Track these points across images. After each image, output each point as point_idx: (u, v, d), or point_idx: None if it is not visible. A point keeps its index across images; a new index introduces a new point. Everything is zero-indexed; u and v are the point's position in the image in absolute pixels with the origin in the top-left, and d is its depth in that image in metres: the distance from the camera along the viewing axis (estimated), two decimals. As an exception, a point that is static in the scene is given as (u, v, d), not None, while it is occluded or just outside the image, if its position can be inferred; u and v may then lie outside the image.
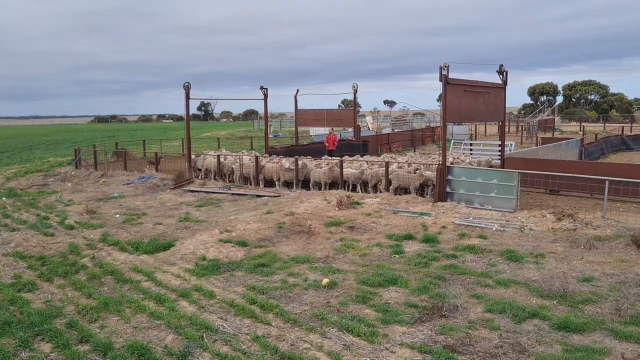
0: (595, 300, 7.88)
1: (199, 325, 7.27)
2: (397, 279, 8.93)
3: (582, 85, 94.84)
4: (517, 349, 6.40)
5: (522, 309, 7.51)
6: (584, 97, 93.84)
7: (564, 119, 75.26)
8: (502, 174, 15.40)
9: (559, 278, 8.56)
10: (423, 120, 70.32)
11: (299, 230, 12.32)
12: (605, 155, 31.45)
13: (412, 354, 6.36)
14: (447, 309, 7.56)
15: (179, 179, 20.27)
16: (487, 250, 10.65)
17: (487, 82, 18.13)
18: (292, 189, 18.81)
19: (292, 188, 18.96)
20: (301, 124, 32.99)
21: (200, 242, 11.58)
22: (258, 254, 10.78)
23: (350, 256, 10.56)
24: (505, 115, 19.75)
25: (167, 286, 9.04)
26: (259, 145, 36.53)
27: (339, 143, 29.59)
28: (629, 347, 6.40)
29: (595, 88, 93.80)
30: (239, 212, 15.01)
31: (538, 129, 47.01)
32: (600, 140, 34.26)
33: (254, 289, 8.72)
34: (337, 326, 7.14)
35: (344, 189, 18.28)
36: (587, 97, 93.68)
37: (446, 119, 16.21)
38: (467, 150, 28.90)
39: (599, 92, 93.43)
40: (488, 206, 14.78)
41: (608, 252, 10.36)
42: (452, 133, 40.94)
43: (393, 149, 35.11)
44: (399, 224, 13.00)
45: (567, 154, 26.40)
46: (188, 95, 21.43)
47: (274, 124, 73.58)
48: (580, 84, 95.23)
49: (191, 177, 20.82)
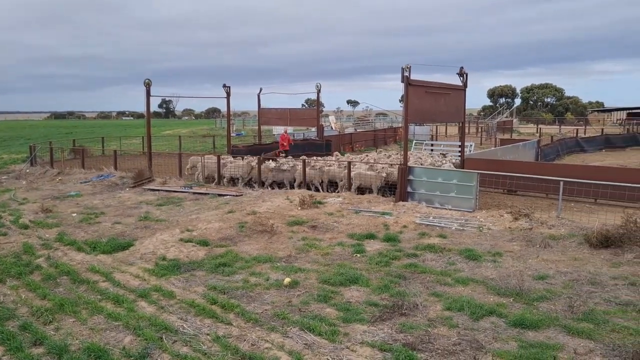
0: (549, 298, 8.11)
1: (159, 326, 7.17)
2: (358, 278, 8.99)
3: (539, 88, 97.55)
4: (474, 346, 6.54)
5: (479, 307, 7.67)
6: (540, 99, 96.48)
7: (521, 120, 77.21)
8: (461, 174, 15.68)
9: (516, 276, 8.78)
10: (385, 121, 71.01)
11: (261, 229, 12.28)
12: (561, 157, 32.38)
13: (373, 352, 6.41)
14: (407, 307, 7.65)
15: (138, 177, 19.90)
16: (447, 249, 10.84)
17: (448, 84, 18.44)
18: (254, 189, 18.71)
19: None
20: (264, 123, 32.91)
21: (161, 242, 11.41)
22: (219, 254, 10.69)
23: (312, 255, 10.59)
24: (465, 117, 20.13)
25: (125, 286, 8.87)
26: (221, 143, 36.23)
27: (302, 142, 29.62)
28: (581, 343, 6.61)
29: (551, 91, 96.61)
30: (201, 211, 14.85)
31: (497, 130, 48.06)
32: (556, 142, 35.26)
33: (215, 288, 8.65)
34: (298, 325, 7.15)
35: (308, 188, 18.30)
36: (543, 100, 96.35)
37: (408, 120, 16.43)
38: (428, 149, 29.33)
39: (555, 95, 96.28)
40: (448, 206, 15.03)
41: (562, 251, 10.68)
42: (414, 134, 41.46)
43: (356, 149, 35.32)
44: (361, 223, 13.09)
45: (524, 155, 27.06)
46: (149, 92, 21.08)
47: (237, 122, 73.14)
48: (538, 86, 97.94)
49: (151, 175, 20.47)
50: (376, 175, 17.02)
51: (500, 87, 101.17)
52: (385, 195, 16.94)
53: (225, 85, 26.04)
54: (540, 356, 6.17)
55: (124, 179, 20.34)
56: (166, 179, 20.15)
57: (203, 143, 41.57)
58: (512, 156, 24.60)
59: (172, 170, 21.61)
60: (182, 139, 37.38)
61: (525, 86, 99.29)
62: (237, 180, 19.56)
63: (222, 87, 26.03)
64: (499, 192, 18.51)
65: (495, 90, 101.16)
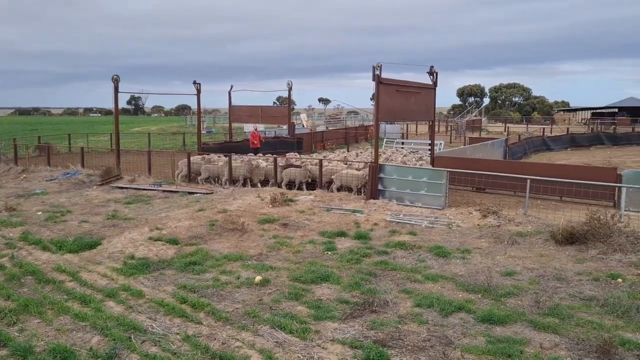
0: (516, 294, 8.26)
1: (127, 326, 7.06)
2: (329, 276, 9.01)
3: (507, 87, 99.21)
4: (443, 342, 6.62)
5: (449, 303, 7.77)
6: (508, 99, 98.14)
7: (490, 119, 78.44)
8: (431, 172, 15.86)
9: (484, 273, 8.92)
10: (357, 119, 71.37)
11: (232, 227, 12.20)
12: (528, 155, 33.03)
13: (344, 349, 6.44)
14: (377, 304, 7.70)
15: (106, 175, 19.55)
16: (417, 247, 10.94)
17: (419, 83, 18.60)
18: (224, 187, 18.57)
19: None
20: (235, 121, 32.69)
21: (129, 240, 11.24)
22: (189, 252, 10.59)
23: (284, 253, 10.57)
24: (435, 115, 20.34)
25: (93, 286, 8.71)
26: (192, 141, 35.87)
27: (273, 140, 29.55)
28: (547, 337, 6.75)
29: (519, 91, 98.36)
30: (170, 209, 14.68)
31: (466, 129, 48.74)
32: (523, 140, 35.98)
33: (185, 287, 8.56)
34: (269, 323, 7.12)
35: (279, 187, 18.26)
36: (511, 99, 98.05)
37: (379, 118, 16.53)
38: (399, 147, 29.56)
39: (523, 94, 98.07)
40: (418, 203, 15.18)
41: (529, 247, 10.89)
42: (385, 132, 41.73)
43: (327, 147, 35.38)
44: (332, 221, 13.12)
45: (492, 153, 27.52)
46: (117, 89, 20.72)
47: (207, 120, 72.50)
48: (506, 86, 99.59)
49: (119, 173, 20.14)
50: (359, 175, 17.03)
51: (469, 87, 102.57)
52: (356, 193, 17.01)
53: (196, 82, 25.81)
54: (508, 351, 6.28)
55: (91, 177, 19.96)
56: (135, 177, 19.84)
57: (173, 140, 41.10)
58: (480, 154, 25.00)
59: (141, 168, 21.30)
60: (152, 136, 36.88)
61: (494, 86, 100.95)
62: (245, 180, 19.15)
63: (193, 84, 25.79)
64: (468, 189, 18.78)
65: (465, 89, 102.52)
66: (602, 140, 41.81)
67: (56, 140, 35.43)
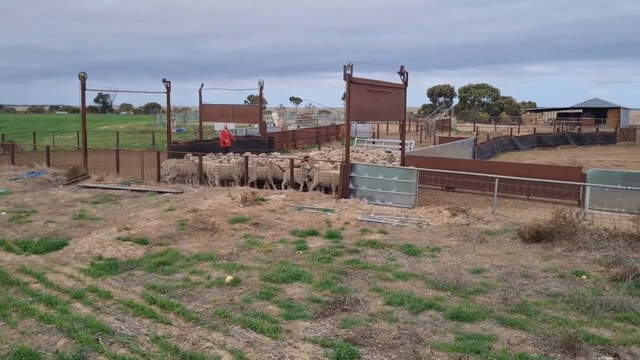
0: (485, 291, 8.40)
1: (95, 328, 6.93)
2: (300, 275, 9.01)
3: (476, 88, 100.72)
4: (414, 339, 6.68)
5: (419, 301, 7.85)
6: (477, 99, 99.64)
7: (459, 119, 79.57)
8: (402, 171, 15.99)
9: (453, 270, 9.03)
10: (328, 118, 71.47)
11: (202, 227, 12.10)
12: (496, 155, 33.57)
13: (315, 348, 6.45)
14: (348, 302, 7.73)
15: (73, 174, 19.16)
16: (388, 245, 11.02)
17: (389, 83, 18.73)
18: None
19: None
20: (206, 119, 32.44)
21: (97, 241, 11.04)
22: (159, 252, 10.46)
23: (255, 253, 10.52)
24: (405, 115, 20.51)
25: (59, 287, 8.52)
26: (161, 140, 35.44)
27: (244, 139, 29.38)
28: (514, 334, 6.89)
29: (487, 91, 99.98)
30: (139, 209, 14.47)
31: (436, 128, 49.26)
32: (492, 140, 36.56)
33: (154, 288, 8.45)
34: (240, 323, 7.09)
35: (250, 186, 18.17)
36: (480, 100, 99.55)
37: (350, 117, 16.59)
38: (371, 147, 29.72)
39: (491, 95, 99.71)
40: (389, 202, 15.30)
41: (497, 245, 11.08)
42: (356, 131, 41.91)
43: (298, 146, 35.36)
44: (304, 220, 13.12)
45: (462, 152, 27.88)
46: (84, 86, 20.31)
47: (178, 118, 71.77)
48: (475, 87, 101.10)
49: (87, 172, 19.76)
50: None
51: (439, 87, 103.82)
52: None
53: (165, 80, 25.51)
54: (476, 347, 6.37)
55: (57, 176, 19.53)
56: (103, 176, 19.50)
57: (142, 139, 40.55)
58: (450, 154, 25.30)
59: (109, 167, 20.95)
60: (120, 134, 36.32)
61: (463, 86, 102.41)
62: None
63: (162, 82, 25.48)
64: (437, 189, 18.99)
65: (435, 89, 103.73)
66: (567, 140, 42.78)
67: (21, 138, 34.58)
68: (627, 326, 7.10)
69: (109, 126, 57.43)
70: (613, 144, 43.96)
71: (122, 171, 20.59)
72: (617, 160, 31.78)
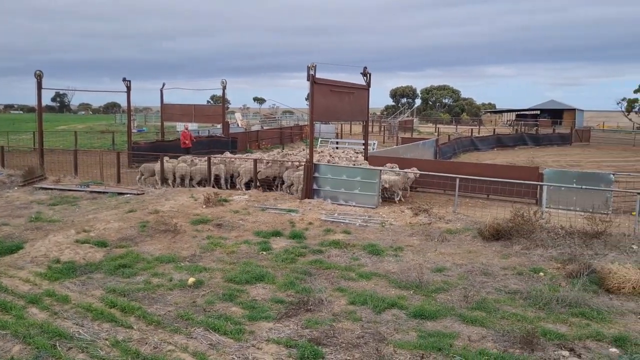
0: (446, 289, 8.53)
1: (52, 333, 6.74)
2: (264, 276, 8.98)
3: (437, 89, 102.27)
4: (377, 338, 6.74)
5: (382, 300, 7.92)
6: (439, 100, 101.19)
7: (421, 120, 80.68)
8: (365, 171, 16.11)
9: (415, 269, 9.15)
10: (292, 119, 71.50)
11: (164, 229, 11.92)
12: (457, 155, 34.17)
13: (278, 349, 6.43)
14: (312, 303, 7.74)
15: (29, 175, 18.59)
16: (351, 245, 11.08)
17: (352, 83, 18.85)
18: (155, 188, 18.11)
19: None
20: (167, 119, 31.98)
21: (54, 244, 10.74)
22: (119, 255, 10.25)
23: (218, 254, 10.43)
24: (368, 116, 20.67)
25: (14, 292, 8.25)
26: (122, 140, 34.76)
27: (207, 139, 29.09)
28: (475, 330, 7.02)
29: (449, 92, 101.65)
30: (99, 210, 14.15)
31: (398, 129, 49.77)
32: (453, 141, 37.20)
33: (114, 291, 8.28)
34: (203, 325, 7.01)
35: (213, 186, 18.00)
36: (442, 101, 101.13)
37: (313, 118, 16.61)
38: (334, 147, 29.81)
39: (452, 96, 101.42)
40: (352, 202, 15.38)
41: (458, 244, 11.28)
42: (320, 132, 42.00)
43: (262, 147, 35.21)
44: (267, 220, 13.08)
45: (424, 153, 28.27)
46: (40, 85, 19.79)
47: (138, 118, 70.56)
48: (436, 88, 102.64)
49: (43, 173, 19.22)
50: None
51: (401, 88, 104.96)
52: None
53: (125, 80, 25.07)
54: (438, 345, 6.47)
55: (12, 177, 18.91)
56: (60, 177, 18.99)
57: (101, 139, 39.70)
58: (412, 154, 25.61)
59: (67, 168, 20.43)
60: (79, 134, 35.46)
61: (425, 87, 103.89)
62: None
63: (122, 81, 25.03)
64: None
65: (397, 90, 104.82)
66: (525, 140, 43.89)
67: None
68: (582, 321, 7.33)
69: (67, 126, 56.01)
70: (569, 144, 45.34)
71: (81, 172, 20.11)
72: (572, 160, 32.80)
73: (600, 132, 56.88)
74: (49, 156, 21.67)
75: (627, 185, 17.97)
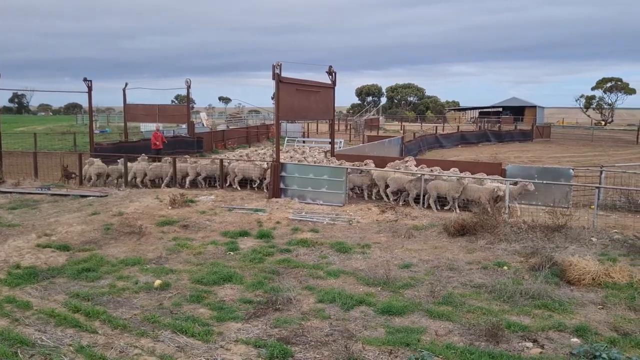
0: (413, 285, 8.63)
1: (13, 340, 6.55)
2: (232, 276, 8.92)
3: (402, 87, 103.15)
4: (345, 335, 6.77)
5: (350, 297, 7.96)
6: (404, 98, 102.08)
7: (387, 118, 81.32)
8: (332, 170, 16.15)
9: (383, 266, 9.24)
10: (258, 118, 71.14)
11: (129, 231, 11.72)
12: (422, 152, 34.56)
13: (247, 349, 6.40)
14: (281, 302, 7.73)
15: (-14, 178, 18.03)
16: (319, 243, 11.10)
17: (318, 82, 18.87)
18: (121, 188, 17.79)
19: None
20: (131, 120, 31.45)
21: (14, 249, 10.45)
22: (82, 258, 10.03)
23: (184, 255, 10.31)
24: (334, 114, 20.73)
25: (-28, 300, 8.00)
26: (83, 141, 34.00)
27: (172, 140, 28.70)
28: (442, 325, 7.12)
29: (413, 91, 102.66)
30: (60, 213, 13.81)
31: (364, 127, 50.05)
32: (418, 138, 37.63)
33: (78, 295, 8.10)
34: (170, 328, 6.93)
35: (179, 186, 17.78)
36: (407, 99, 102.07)
37: (279, 117, 16.58)
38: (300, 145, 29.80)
39: (417, 94, 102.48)
40: (319, 201, 15.41)
41: (424, 240, 11.42)
42: (286, 131, 41.90)
43: (228, 146, 34.93)
44: (234, 220, 12.99)
45: (389, 150, 28.51)
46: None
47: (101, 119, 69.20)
48: (401, 86, 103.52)
49: (1, 176, 18.66)
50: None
51: (367, 86, 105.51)
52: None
53: (87, 79, 24.54)
54: (406, 340, 6.54)
55: (-32, 181, 18.31)
56: (19, 180, 18.45)
57: (62, 141, 38.76)
58: (378, 152, 25.78)
59: (26, 171, 19.86)
60: (38, 136, 34.53)
61: (390, 86, 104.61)
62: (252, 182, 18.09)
63: (83, 81, 24.50)
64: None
65: (363, 89, 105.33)
66: (488, 137, 44.73)
67: None
68: (545, 313, 7.52)
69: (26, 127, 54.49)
70: (530, 140, 46.41)
71: (41, 175, 19.58)
72: (534, 156, 33.58)
73: (560, 128, 58.49)
74: (7, 159, 21.03)
75: (586, 179, 18.48)
